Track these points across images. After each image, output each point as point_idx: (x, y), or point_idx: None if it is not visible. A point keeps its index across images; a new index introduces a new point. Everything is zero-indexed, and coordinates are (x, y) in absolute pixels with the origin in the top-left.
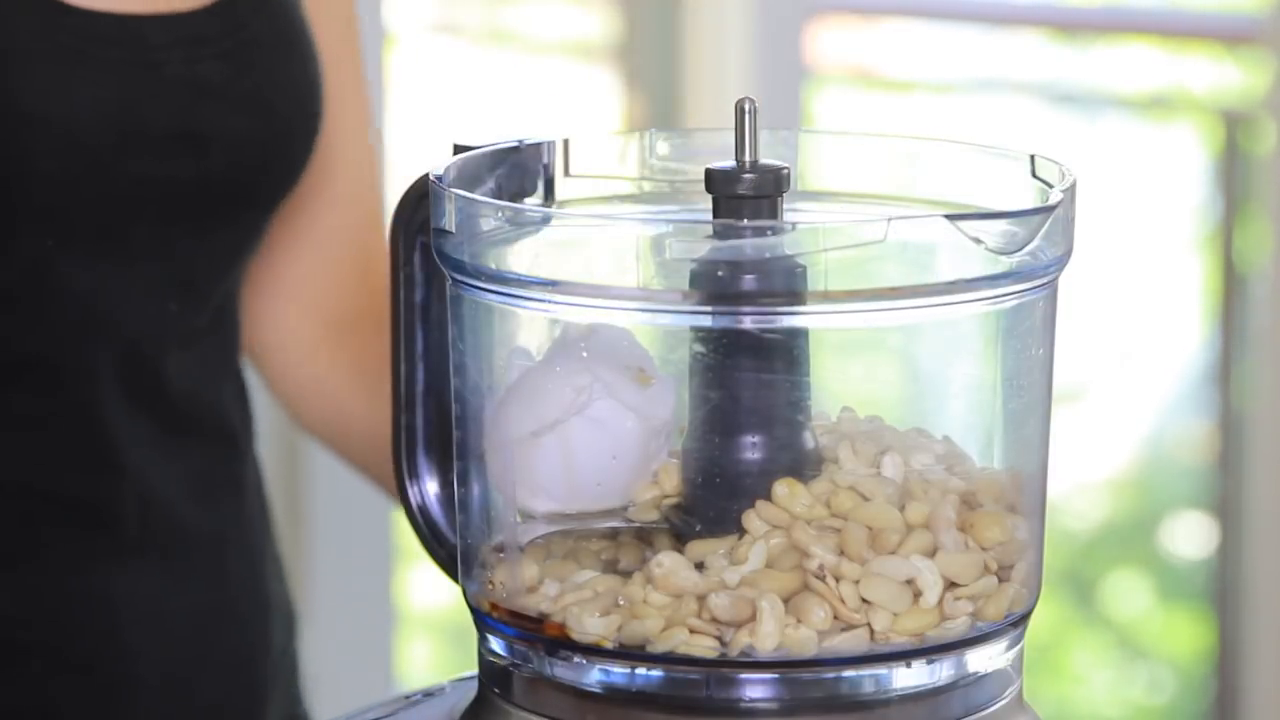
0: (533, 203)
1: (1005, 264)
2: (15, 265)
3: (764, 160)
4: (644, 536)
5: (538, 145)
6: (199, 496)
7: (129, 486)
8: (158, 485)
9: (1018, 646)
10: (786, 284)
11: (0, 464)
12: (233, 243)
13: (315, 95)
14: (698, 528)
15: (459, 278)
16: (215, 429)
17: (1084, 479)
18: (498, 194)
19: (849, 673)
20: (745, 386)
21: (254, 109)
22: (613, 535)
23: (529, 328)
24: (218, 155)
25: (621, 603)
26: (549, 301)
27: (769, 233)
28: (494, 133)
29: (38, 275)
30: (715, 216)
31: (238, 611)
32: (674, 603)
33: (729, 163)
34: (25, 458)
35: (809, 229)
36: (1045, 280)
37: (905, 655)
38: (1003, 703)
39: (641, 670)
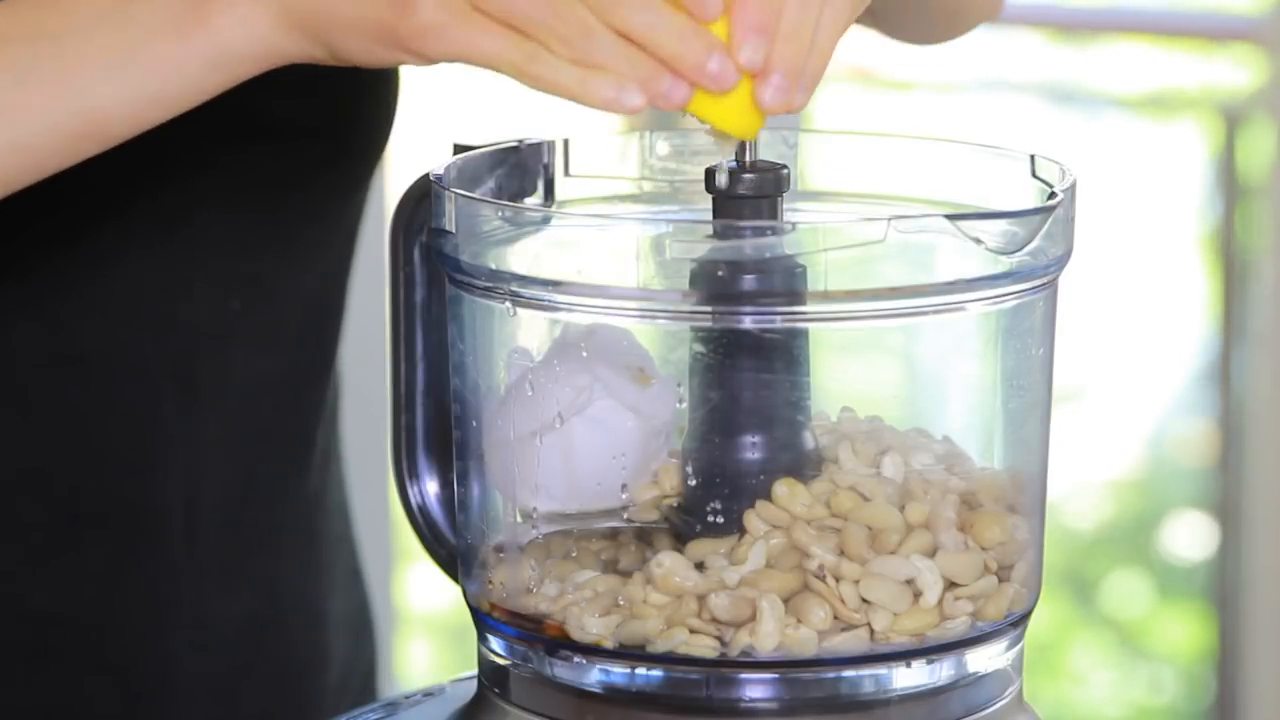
0: (533, 203)
1: (1005, 264)
2: (73, 256)
3: (764, 160)
4: (644, 536)
5: (538, 145)
6: (259, 504)
7: (176, 488)
8: (211, 489)
9: (1018, 646)
10: (786, 284)
11: (41, 457)
12: (304, 239)
13: (388, 89)
14: (698, 528)
15: (459, 278)
16: (289, 436)
17: (1084, 479)
18: (498, 194)
19: (849, 673)
20: (745, 386)
21: (321, 97)
22: (613, 535)
23: (529, 328)
24: (281, 145)
25: (621, 603)
26: (549, 301)
27: (769, 233)
28: (494, 133)
29: (95, 267)
30: (715, 216)
31: (288, 624)
32: (674, 603)
33: (729, 163)
34: (67, 452)
35: (809, 229)
36: (1045, 280)
37: (905, 655)
38: (1003, 703)
39: (641, 670)
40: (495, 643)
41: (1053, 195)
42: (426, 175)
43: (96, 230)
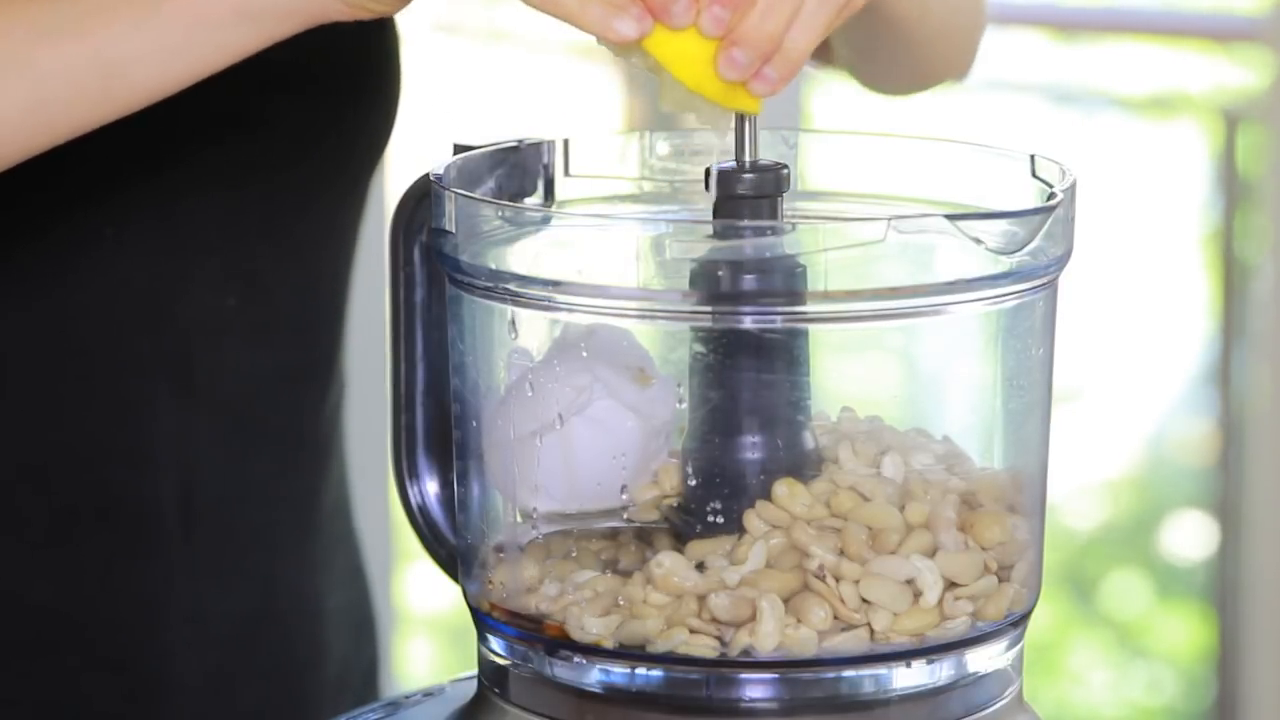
0: (533, 203)
1: (1005, 264)
2: (70, 253)
3: (764, 160)
4: (644, 536)
5: (538, 145)
6: (255, 500)
7: (171, 484)
8: (208, 485)
9: (1018, 646)
10: (786, 284)
11: (38, 453)
12: (302, 237)
13: (388, 87)
14: (698, 528)
15: (459, 278)
16: (286, 434)
17: (1084, 479)
18: (498, 194)
19: (849, 673)
20: (745, 386)
21: (322, 96)
22: (613, 535)
23: (529, 328)
24: (280, 144)
25: (621, 603)
26: (549, 301)
27: (769, 233)
28: (494, 133)
29: (93, 264)
30: (715, 216)
31: (286, 621)
32: (674, 603)
33: (729, 163)
34: (64, 448)
35: (809, 229)
36: (1045, 280)
37: (905, 655)
38: (1003, 703)
39: (641, 670)
40: (495, 643)
41: (1052, 195)
42: (426, 175)
43: (94, 228)
